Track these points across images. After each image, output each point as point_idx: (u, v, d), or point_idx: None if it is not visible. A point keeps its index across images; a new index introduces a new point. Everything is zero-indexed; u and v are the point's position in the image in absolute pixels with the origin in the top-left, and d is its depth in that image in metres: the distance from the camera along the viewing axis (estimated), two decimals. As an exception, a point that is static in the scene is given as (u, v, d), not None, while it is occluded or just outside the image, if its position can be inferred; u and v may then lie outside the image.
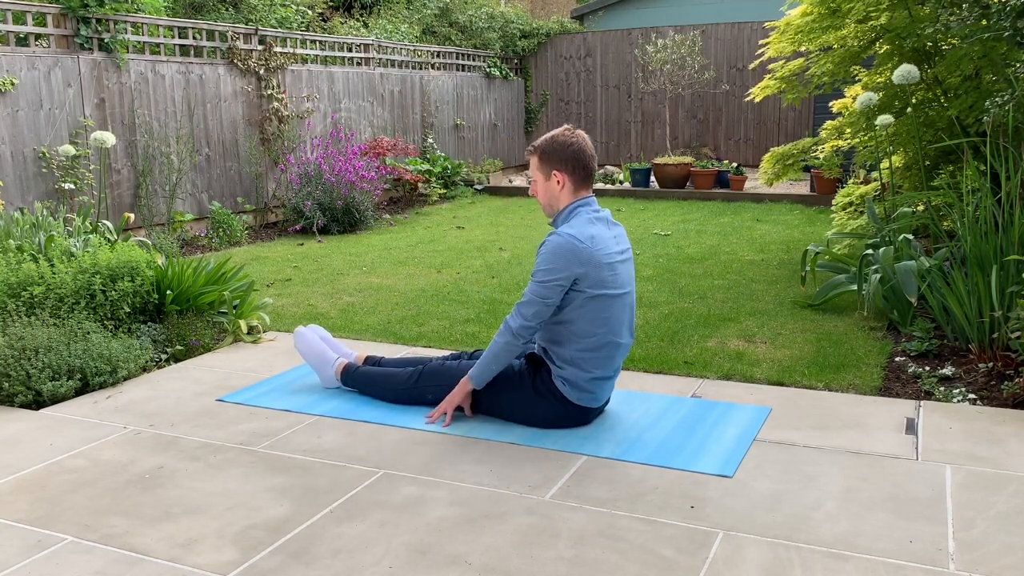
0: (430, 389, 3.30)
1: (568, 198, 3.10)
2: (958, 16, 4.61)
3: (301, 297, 5.47)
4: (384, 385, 3.42)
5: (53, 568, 2.24)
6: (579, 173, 3.08)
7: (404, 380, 3.37)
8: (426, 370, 3.35)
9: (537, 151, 3.11)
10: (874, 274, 4.41)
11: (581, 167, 3.07)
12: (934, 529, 2.36)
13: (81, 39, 6.96)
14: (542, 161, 3.10)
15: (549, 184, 3.10)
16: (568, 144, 3.06)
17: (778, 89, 6.32)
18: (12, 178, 6.51)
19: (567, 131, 3.10)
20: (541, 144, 3.11)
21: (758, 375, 3.72)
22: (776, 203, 9.79)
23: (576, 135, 3.09)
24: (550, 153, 3.08)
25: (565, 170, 3.07)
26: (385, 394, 3.42)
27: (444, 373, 3.30)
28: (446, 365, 3.33)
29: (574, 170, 3.07)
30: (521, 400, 3.14)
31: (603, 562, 2.22)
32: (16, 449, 3.04)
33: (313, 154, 8.85)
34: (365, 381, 3.49)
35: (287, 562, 2.25)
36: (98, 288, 4.03)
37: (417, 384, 3.34)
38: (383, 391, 3.43)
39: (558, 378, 3.08)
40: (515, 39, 13.17)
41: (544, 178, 3.11)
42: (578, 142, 3.07)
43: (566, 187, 3.08)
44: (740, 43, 12.21)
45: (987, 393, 3.41)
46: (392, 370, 3.45)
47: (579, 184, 3.09)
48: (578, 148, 3.06)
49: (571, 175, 3.07)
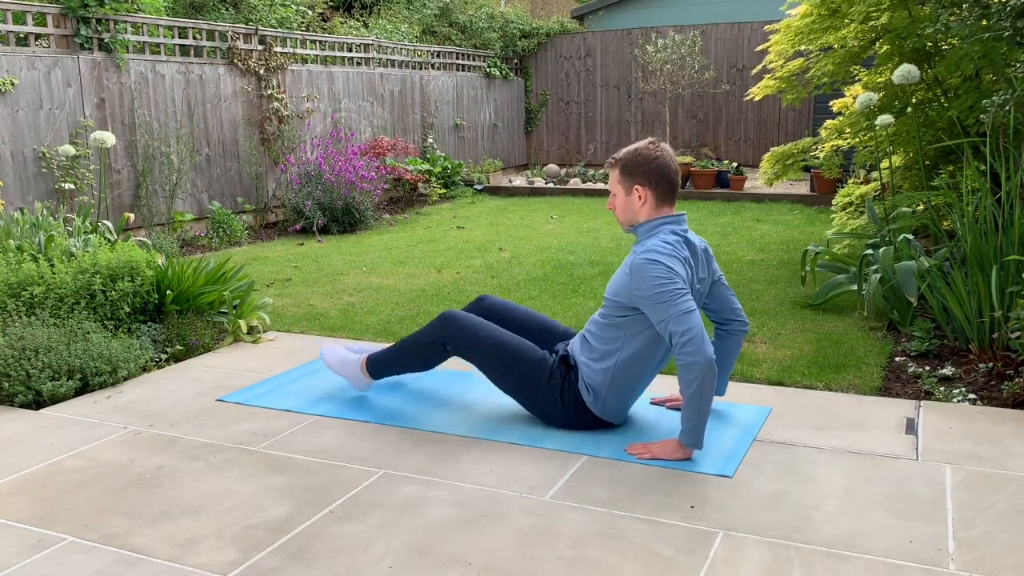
0: (451, 340, 3.19)
1: (648, 214, 2.96)
2: (958, 16, 4.61)
3: (301, 297, 5.47)
4: (410, 352, 3.30)
5: (53, 568, 2.24)
6: (662, 188, 2.93)
7: (428, 336, 3.24)
8: (448, 316, 3.21)
9: (619, 164, 2.97)
10: (874, 274, 4.41)
11: (666, 182, 2.93)
12: (934, 529, 2.36)
13: (81, 39, 6.96)
14: (623, 174, 2.96)
15: (630, 199, 2.96)
16: (653, 158, 2.92)
17: (778, 89, 6.33)
18: (12, 178, 6.51)
19: (651, 144, 2.96)
20: (623, 157, 2.97)
21: (758, 375, 3.72)
22: (776, 203, 9.79)
23: (661, 148, 2.95)
24: (633, 167, 2.94)
25: (648, 185, 2.92)
26: (415, 362, 3.31)
27: (467, 322, 3.18)
28: (470, 315, 3.22)
29: (657, 185, 2.92)
30: (543, 397, 3.07)
31: (603, 562, 2.22)
32: (16, 449, 3.04)
33: (313, 154, 8.85)
34: (391, 357, 3.37)
35: (287, 562, 2.25)
36: (98, 288, 4.03)
37: (444, 330, 3.19)
38: (412, 359, 3.30)
39: (584, 386, 3.03)
40: (515, 39, 13.17)
41: (624, 192, 2.97)
42: (663, 156, 2.93)
43: (648, 202, 2.94)
44: (740, 43, 12.21)
45: (987, 393, 3.41)
46: (411, 336, 3.35)
47: (661, 200, 2.95)
48: (663, 163, 2.92)
49: (654, 190, 2.93)
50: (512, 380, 3.13)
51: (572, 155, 13.51)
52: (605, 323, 2.98)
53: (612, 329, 2.96)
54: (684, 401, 2.77)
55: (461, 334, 3.17)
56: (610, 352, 2.96)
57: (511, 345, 3.12)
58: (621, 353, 2.95)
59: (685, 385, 2.74)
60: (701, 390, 2.72)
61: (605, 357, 2.97)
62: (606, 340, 2.97)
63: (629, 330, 2.93)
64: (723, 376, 3.24)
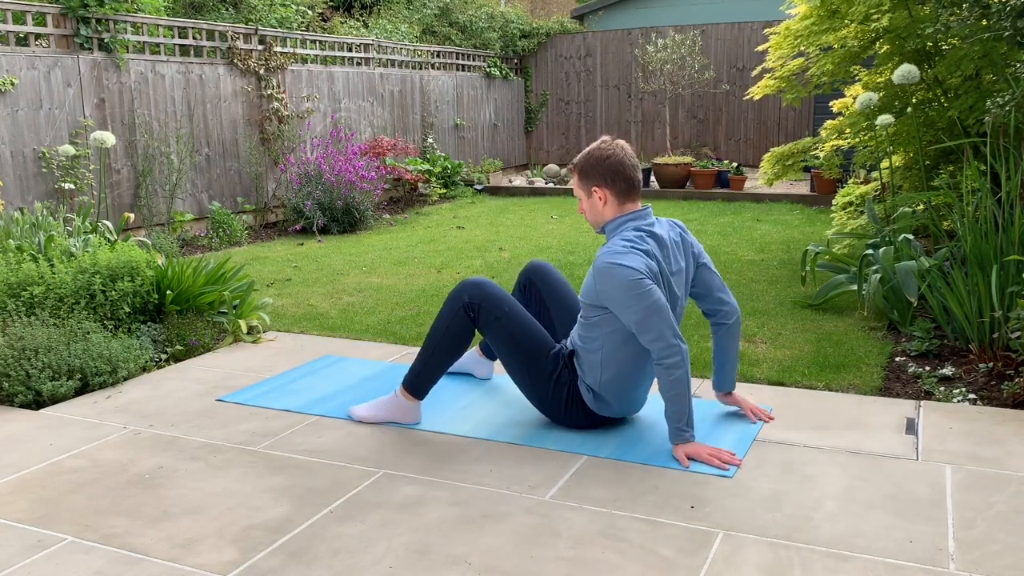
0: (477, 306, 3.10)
1: (613, 212, 2.95)
2: (958, 16, 4.61)
3: (301, 297, 5.47)
4: (437, 340, 3.15)
5: (53, 568, 2.24)
6: (619, 186, 2.91)
7: (452, 306, 3.13)
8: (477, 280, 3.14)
9: (576, 169, 2.96)
10: (874, 274, 4.41)
11: (622, 179, 2.91)
12: (934, 529, 2.36)
13: (81, 39, 6.96)
14: (581, 178, 2.96)
15: (592, 201, 2.96)
16: (604, 157, 2.91)
17: (777, 89, 6.32)
18: (12, 178, 6.51)
19: (603, 143, 2.95)
20: (579, 161, 2.96)
21: (758, 375, 3.72)
22: (776, 203, 9.79)
23: (613, 146, 2.93)
24: (588, 169, 2.93)
25: (605, 184, 2.91)
26: (443, 351, 3.15)
27: (496, 291, 3.14)
28: (498, 286, 3.16)
29: (614, 183, 2.91)
30: (548, 393, 3.06)
31: (603, 562, 2.22)
32: (16, 449, 3.04)
33: (313, 154, 8.85)
34: (421, 361, 3.17)
35: (287, 562, 2.25)
36: (98, 288, 4.03)
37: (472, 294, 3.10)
38: (440, 349, 3.14)
39: (584, 387, 3.03)
40: (515, 39, 13.17)
41: (586, 195, 2.97)
42: (615, 154, 2.91)
43: (609, 202, 2.93)
44: (740, 43, 12.21)
45: (987, 393, 3.41)
46: (432, 326, 3.21)
47: (623, 197, 2.92)
48: (616, 160, 2.90)
49: (611, 188, 2.91)
50: (520, 364, 3.09)
51: (572, 155, 13.50)
52: (584, 323, 2.99)
53: (591, 328, 2.96)
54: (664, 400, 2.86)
55: (487, 302, 3.08)
56: (593, 351, 2.97)
57: (530, 331, 3.09)
58: (603, 351, 2.95)
59: (660, 387, 2.83)
60: (674, 386, 2.80)
61: (590, 355, 2.98)
62: (587, 340, 2.98)
63: (606, 328, 2.93)
64: (720, 371, 3.22)
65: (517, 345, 3.07)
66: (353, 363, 4.00)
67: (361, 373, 3.85)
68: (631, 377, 2.99)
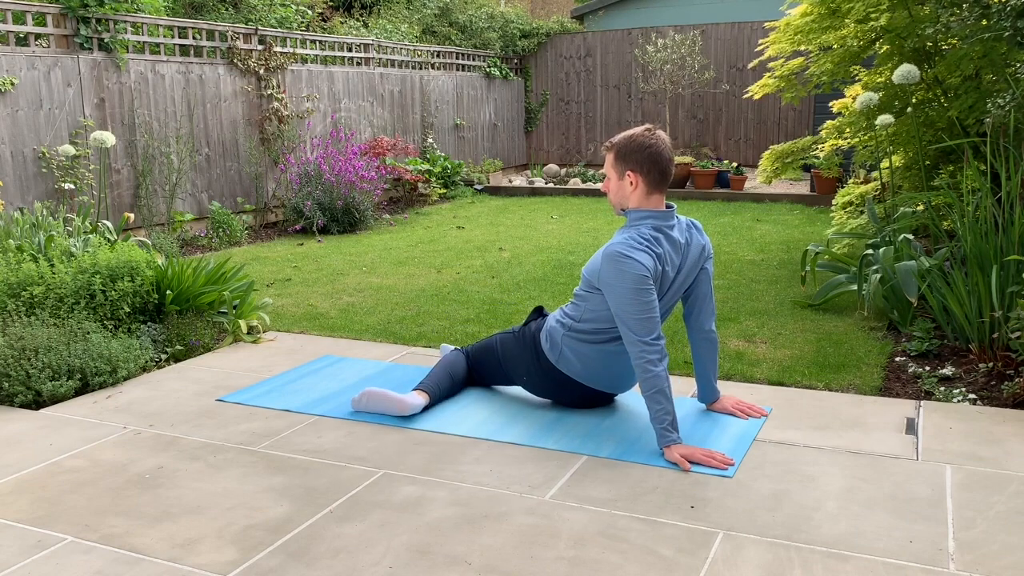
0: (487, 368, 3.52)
1: (639, 201, 3.01)
2: (958, 16, 4.61)
3: (301, 297, 5.47)
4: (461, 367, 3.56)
5: (53, 568, 2.24)
6: (653, 176, 2.98)
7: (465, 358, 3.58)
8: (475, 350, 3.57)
9: (614, 148, 3.03)
10: (874, 274, 4.41)
11: (657, 170, 2.98)
12: (934, 529, 2.36)
13: (81, 39, 6.96)
14: (617, 159, 3.02)
15: (622, 183, 3.03)
16: (647, 145, 2.97)
17: (777, 88, 6.32)
18: (12, 178, 6.51)
19: (647, 131, 3.01)
20: (619, 142, 3.02)
21: (758, 375, 3.72)
22: (776, 203, 9.79)
23: (655, 136, 2.99)
24: (626, 152, 3.00)
25: (640, 171, 2.98)
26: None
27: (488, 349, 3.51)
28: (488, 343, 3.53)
29: (649, 172, 2.97)
30: (514, 354, 3.37)
31: (603, 562, 2.22)
32: (16, 449, 3.04)
33: (313, 154, 8.85)
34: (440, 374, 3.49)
35: (287, 562, 2.25)
36: (98, 288, 4.03)
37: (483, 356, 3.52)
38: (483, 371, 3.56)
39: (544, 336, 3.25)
40: (515, 39, 13.17)
41: (617, 176, 3.03)
42: (656, 144, 2.97)
43: (639, 188, 3.00)
44: (740, 43, 12.21)
45: (987, 393, 3.41)
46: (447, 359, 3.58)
47: (652, 187, 3.00)
48: (656, 151, 2.96)
49: (645, 177, 2.98)
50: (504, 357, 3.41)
51: (572, 155, 13.51)
52: (578, 292, 3.20)
53: (581, 299, 3.16)
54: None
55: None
56: (574, 314, 3.18)
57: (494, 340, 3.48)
58: (583, 315, 3.14)
59: (640, 386, 2.91)
60: (652, 383, 2.86)
61: (568, 316, 3.21)
62: (574, 307, 3.20)
63: (591, 303, 3.11)
64: (701, 380, 3.28)
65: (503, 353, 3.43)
66: (353, 363, 4.00)
67: (361, 373, 3.85)
68: (602, 351, 3.15)
